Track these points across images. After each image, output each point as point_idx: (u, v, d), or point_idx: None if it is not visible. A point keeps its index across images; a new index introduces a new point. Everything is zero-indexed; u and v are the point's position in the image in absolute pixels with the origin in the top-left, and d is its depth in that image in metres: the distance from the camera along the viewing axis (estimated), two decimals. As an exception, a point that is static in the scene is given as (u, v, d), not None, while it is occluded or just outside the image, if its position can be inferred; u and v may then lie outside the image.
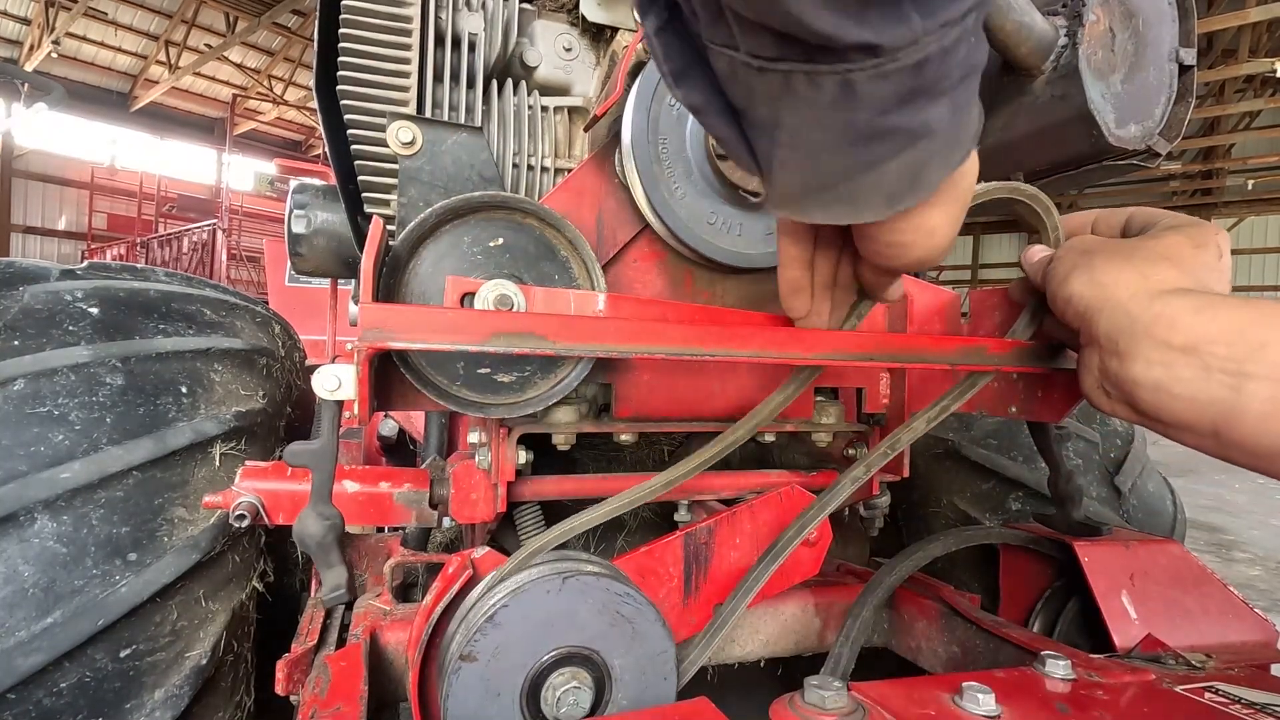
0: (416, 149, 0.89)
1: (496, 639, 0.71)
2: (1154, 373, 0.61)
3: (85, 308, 0.97)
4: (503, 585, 0.76)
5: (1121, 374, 0.64)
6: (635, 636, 0.76)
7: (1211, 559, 4.80)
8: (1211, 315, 0.59)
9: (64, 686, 0.76)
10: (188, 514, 0.91)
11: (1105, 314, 0.65)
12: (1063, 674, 0.76)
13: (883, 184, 0.48)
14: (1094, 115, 0.90)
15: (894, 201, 0.51)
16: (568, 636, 0.74)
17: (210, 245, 11.95)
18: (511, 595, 0.73)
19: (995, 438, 1.50)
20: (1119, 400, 0.67)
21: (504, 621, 0.71)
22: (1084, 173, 1.00)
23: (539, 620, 0.73)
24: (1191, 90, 0.98)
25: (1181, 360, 0.59)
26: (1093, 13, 0.88)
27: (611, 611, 0.75)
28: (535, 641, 0.73)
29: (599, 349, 0.69)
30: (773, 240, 0.94)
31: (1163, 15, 0.95)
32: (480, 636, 0.71)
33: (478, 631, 0.71)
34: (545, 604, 0.73)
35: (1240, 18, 10.64)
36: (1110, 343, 0.65)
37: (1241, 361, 0.56)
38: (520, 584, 0.74)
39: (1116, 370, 0.64)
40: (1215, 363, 0.57)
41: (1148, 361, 0.61)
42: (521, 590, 0.73)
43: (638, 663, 0.76)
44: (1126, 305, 0.64)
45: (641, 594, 0.77)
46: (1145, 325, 0.62)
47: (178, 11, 15.97)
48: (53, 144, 17.84)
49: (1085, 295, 0.68)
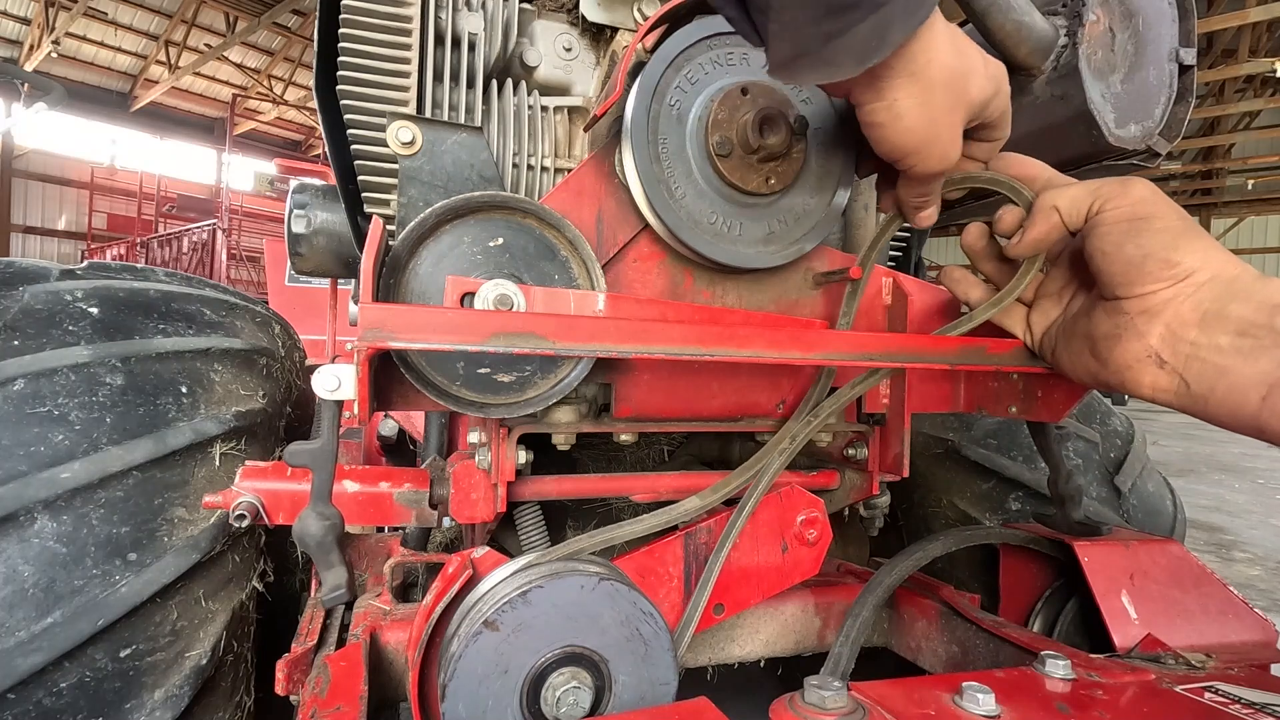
0: (416, 149, 0.89)
1: (523, 615, 0.71)
2: (1238, 341, 0.65)
3: (85, 308, 0.97)
4: (539, 568, 0.77)
5: (1202, 340, 0.68)
6: (646, 659, 0.76)
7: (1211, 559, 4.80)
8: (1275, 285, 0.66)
9: (64, 686, 0.76)
10: (188, 514, 0.91)
11: (1209, 286, 0.69)
12: (1062, 674, 0.76)
13: (854, 46, 0.58)
14: (1094, 115, 0.90)
15: (863, 59, 0.60)
16: (586, 637, 0.74)
17: (210, 245, 11.94)
18: (549, 579, 0.73)
19: (995, 437, 1.50)
20: (1174, 371, 0.70)
21: (535, 601, 0.72)
22: (1084, 172, 1.00)
23: (566, 612, 0.73)
24: (1191, 90, 0.98)
25: (1263, 324, 0.64)
26: (1093, 13, 0.88)
27: (633, 626, 0.75)
28: (555, 630, 0.73)
29: (599, 349, 0.69)
30: (772, 240, 0.95)
31: (1163, 15, 0.95)
32: (509, 608, 0.71)
33: (508, 603, 0.71)
34: (576, 598, 0.73)
35: (1240, 17, 10.64)
36: (1197, 311, 0.68)
37: None
38: (558, 571, 0.75)
39: (1195, 338, 0.68)
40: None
41: (1238, 325, 0.65)
42: (558, 577, 0.73)
43: (639, 685, 0.76)
44: (1233, 281, 0.68)
45: (663, 620, 0.77)
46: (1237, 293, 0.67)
47: (178, 11, 15.97)
48: (53, 144, 17.86)
49: (1200, 266, 0.69)
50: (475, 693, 0.70)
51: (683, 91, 0.88)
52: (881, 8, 0.55)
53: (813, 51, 0.59)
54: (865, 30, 0.56)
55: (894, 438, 1.02)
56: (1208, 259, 0.69)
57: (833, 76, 0.62)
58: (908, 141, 0.70)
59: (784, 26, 0.58)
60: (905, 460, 1.01)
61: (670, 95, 0.88)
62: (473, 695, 0.70)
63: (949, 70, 0.66)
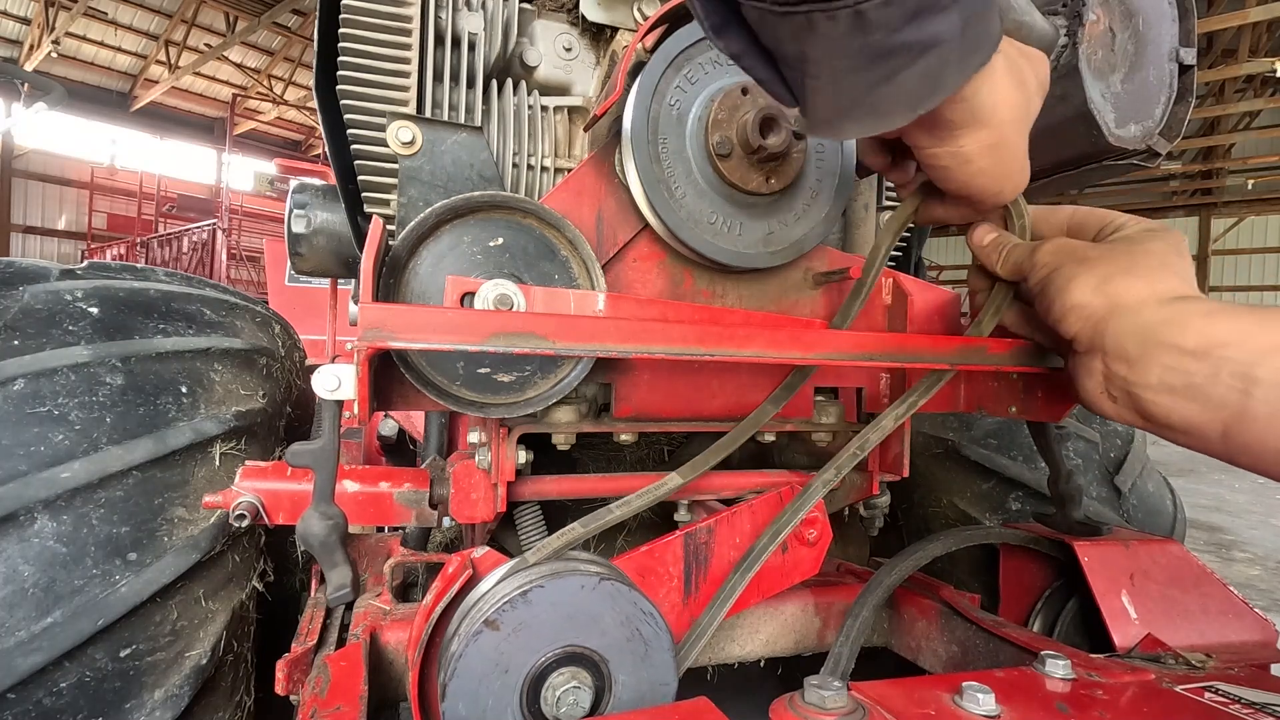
0: (416, 149, 0.89)
1: (523, 615, 0.71)
2: (1167, 377, 0.62)
3: (85, 307, 0.97)
4: (539, 568, 0.77)
5: (1132, 378, 0.65)
6: (646, 659, 0.76)
7: (1211, 559, 4.80)
8: (1221, 320, 0.60)
9: (64, 686, 0.76)
10: (188, 514, 0.91)
11: (1115, 321, 0.66)
12: (1062, 674, 0.76)
13: (902, 94, 0.53)
14: (1094, 115, 0.90)
15: (916, 106, 0.55)
16: (587, 637, 0.74)
17: (210, 245, 11.94)
18: (549, 578, 0.73)
19: (995, 437, 1.50)
20: (1125, 405, 0.68)
21: (535, 601, 0.72)
22: (1084, 172, 1.00)
23: (566, 611, 0.73)
24: (1191, 90, 0.98)
25: (1193, 364, 0.60)
26: (1093, 12, 0.88)
27: (633, 627, 0.75)
28: (556, 630, 0.73)
29: (599, 349, 0.69)
30: (772, 240, 0.94)
31: (1163, 15, 0.95)
32: (509, 608, 0.71)
33: (508, 602, 0.71)
34: (576, 598, 0.73)
35: (1240, 17, 10.64)
36: (1119, 349, 0.66)
37: (1251, 365, 0.57)
38: (558, 570, 0.75)
39: (1126, 375, 0.65)
40: (1225, 366, 0.58)
41: (1161, 366, 0.62)
42: (559, 577, 0.73)
43: (639, 685, 0.76)
44: (1138, 311, 0.65)
45: (664, 621, 0.77)
46: (1156, 331, 0.63)
47: (178, 11, 15.96)
48: (53, 144, 17.85)
49: (1093, 303, 0.68)
50: (475, 692, 0.70)
51: (683, 91, 0.88)
52: (931, 50, 0.49)
53: (857, 103, 0.53)
54: (912, 77, 0.51)
55: (894, 437, 1.02)
56: (1117, 294, 0.67)
57: (882, 127, 0.58)
58: (979, 183, 0.66)
59: (821, 80, 0.52)
60: (905, 460, 1.01)
61: (670, 95, 0.88)
62: (473, 694, 0.70)
63: (1015, 108, 0.62)
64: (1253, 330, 0.58)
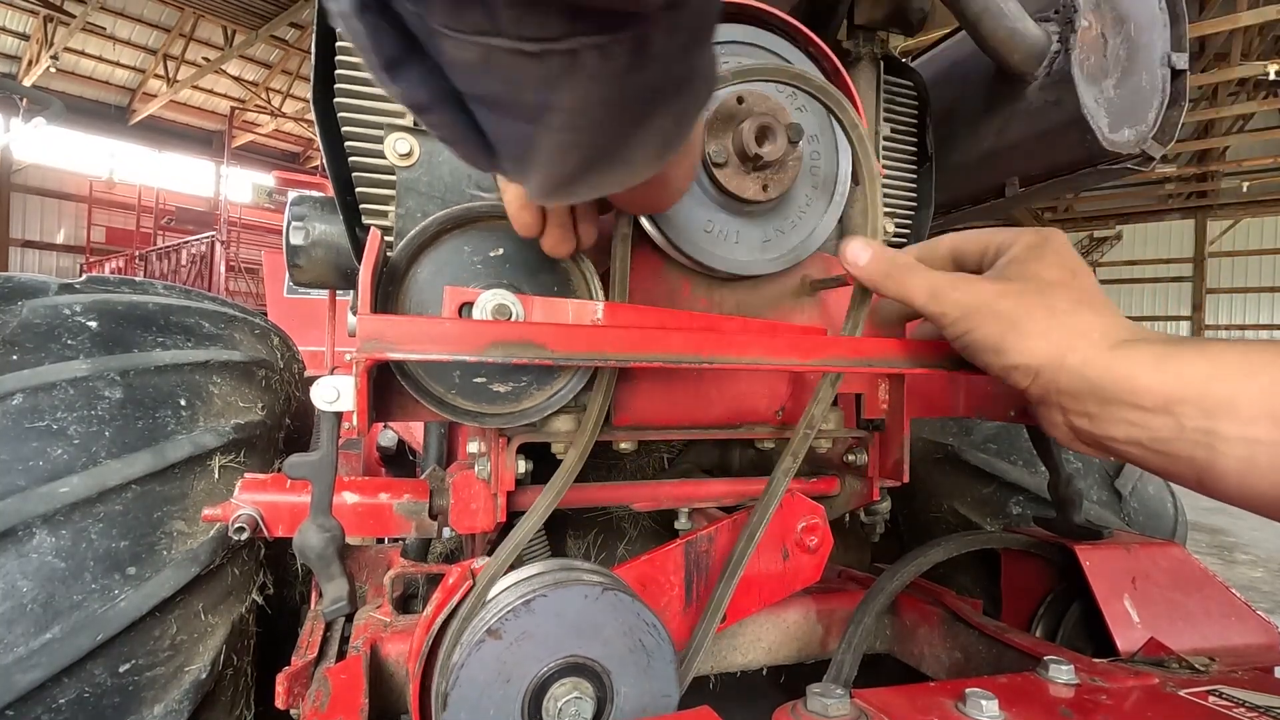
0: (414, 160, 0.89)
1: (526, 624, 0.71)
2: (1132, 433, 0.61)
3: (84, 321, 0.97)
4: (542, 577, 0.76)
5: (1097, 432, 0.64)
6: (648, 670, 0.76)
7: (1213, 561, 4.79)
8: (1173, 371, 0.59)
9: (63, 702, 0.76)
10: (187, 527, 0.91)
11: (1064, 378, 0.64)
12: (1066, 679, 0.75)
13: (653, 139, 0.46)
14: (1087, 120, 0.90)
15: (665, 150, 0.51)
16: (589, 647, 0.73)
17: (209, 257, 11.95)
18: (552, 588, 0.73)
19: (995, 442, 1.50)
20: (1096, 448, 0.67)
21: (538, 610, 0.71)
22: (1078, 177, 1.01)
23: (569, 621, 0.73)
24: (1184, 94, 0.98)
25: (1155, 420, 0.59)
26: (1084, 19, 0.89)
27: (635, 638, 0.75)
28: (558, 640, 0.73)
29: (597, 358, 0.69)
30: (770, 249, 0.95)
31: (1154, 20, 0.96)
32: (512, 617, 0.71)
33: (511, 611, 0.71)
34: (579, 607, 0.73)
35: (1232, 21, 10.71)
36: (1076, 405, 0.64)
37: (1212, 421, 0.56)
38: (561, 580, 0.75)
39: (1089, 429, 0.64)
40: (1188, 422, 0.57)
41: (1125, 423, 0.61)
42: (562, 586, 0.73)
43: (641, 696, 0.76)
44: (1082, 371, 0.63)
45: (666, 631, 0.77)
46: (1108, 390, 0.61)
47: (176, 25, 16.04)
48: (51, 158, 17.90)
49: (1032, 364, 0.66)
50: (477, 702, 0.70)
51: (678, 101, 0.89)
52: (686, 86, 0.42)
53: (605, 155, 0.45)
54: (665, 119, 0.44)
55: (894, 443, 1.02)
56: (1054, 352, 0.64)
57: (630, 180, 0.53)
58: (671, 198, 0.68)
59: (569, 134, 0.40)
60: (905, 466, 1.01)
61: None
62: (475, 704, 0.70)
63: None
64: (1207, 380, 0.57)
